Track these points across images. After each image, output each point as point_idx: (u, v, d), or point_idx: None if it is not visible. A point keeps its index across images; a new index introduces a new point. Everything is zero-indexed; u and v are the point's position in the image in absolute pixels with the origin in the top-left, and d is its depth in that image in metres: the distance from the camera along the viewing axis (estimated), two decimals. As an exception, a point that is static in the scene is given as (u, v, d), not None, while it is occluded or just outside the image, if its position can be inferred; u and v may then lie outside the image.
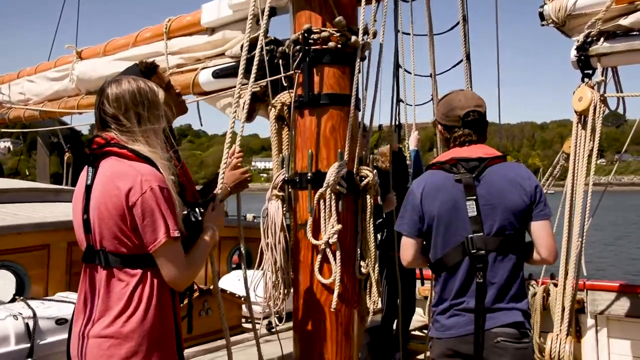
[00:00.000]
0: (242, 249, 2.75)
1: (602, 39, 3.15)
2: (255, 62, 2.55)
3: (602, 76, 3.22)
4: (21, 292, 3.57)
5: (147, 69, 2.40)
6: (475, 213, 2.29)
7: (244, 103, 2.55)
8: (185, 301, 2.51)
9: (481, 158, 2.37)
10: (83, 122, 5.45)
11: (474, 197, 2.30)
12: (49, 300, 3.17)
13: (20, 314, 2.78)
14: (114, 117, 1.91)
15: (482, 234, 2.28)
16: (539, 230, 2.33)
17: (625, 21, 3.04)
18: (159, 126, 1.97)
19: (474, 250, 2.29)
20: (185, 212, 2.18)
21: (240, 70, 2.56)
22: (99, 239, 1.86)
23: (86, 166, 1.97)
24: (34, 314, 2.80)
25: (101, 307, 1.84)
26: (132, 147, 1.88)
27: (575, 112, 3.22)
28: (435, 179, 2.42)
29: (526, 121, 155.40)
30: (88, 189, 1.90)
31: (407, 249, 2.47)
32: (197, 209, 2.19)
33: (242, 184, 2.43)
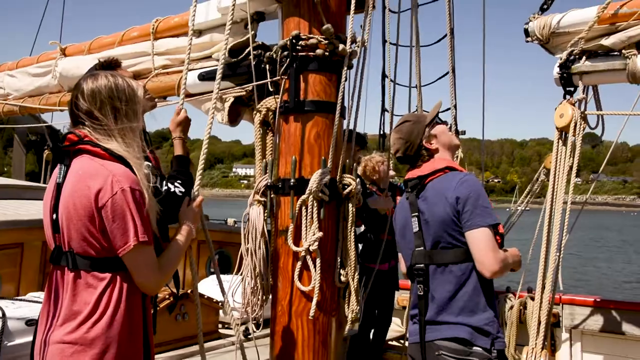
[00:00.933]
0: (213, 253, 2.73)
1: (584, 58, 3.21)
2: (220, 67, 2.53)
3: (583, 94, 3.27)
4: (-9, 291, 3.49)
5: (103, 66, 2.38)
6: (417, 229, 2.42)
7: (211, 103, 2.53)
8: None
9: (420, 176, 2.48)
10: (64, 119, 5.36)
11: (417, 214, 2.44)
12: (20, 300, 3.10)
13: (-11, 313, 2.71)
14: (88, 113, 1.85)
15: (422, 248, 2.40)
16: (468, 241, 2.30)
17: (606, 41, 3.10)
18: (137, 123, 1.92)
19: (414, 264, 2.43)
20: (167, 187, 2.17)
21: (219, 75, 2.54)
22: (67, 240, 1.79)
23: (58, 164, 1.90)
24: (3, 314, 2.74)
25: (66, 311, 1.77)
26: (106, 146, 1.82)
27: (557, 128, 3.27)
28: (401, 200, 2.66)
29: (506, 138, 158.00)
30: (59, 187, 1.84)
31: (400, 261, 2.72)
32: (177, 182, 2.19)
33: (188, 126, 2.50)
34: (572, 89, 3.30)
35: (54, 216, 1.83)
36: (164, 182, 2.20)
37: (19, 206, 4.29)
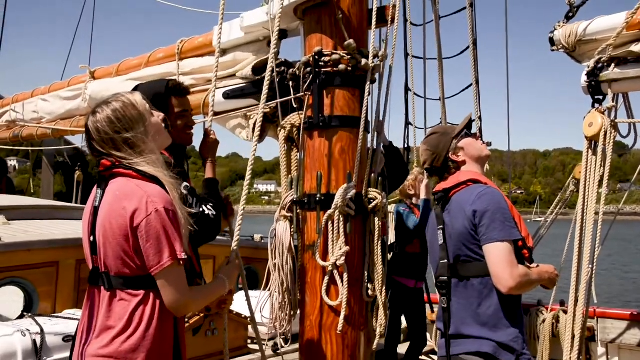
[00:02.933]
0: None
1: (612, 65, 3.15)
2: (266, 83, 2.58)
3: (613, 102, 3.21)
4: (29, 308, 3.58)
5: (173, 88, 2.47)
6: (442, 241, 2.42)
7: (255, 123, 2.58)
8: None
9: (445, 189, 2.49)
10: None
11: (442, 227, 2.44)
12: (57, 317, 3.16)
13: (28, 330, 2.78)
14: (107, 154, 1.89)
15: (446, 260, 2.39)
16: (485, 256, 2.27)
17: (636, 47, 3.05)
18: (150, 140, 1.92)
19: (438, 277, 2.43)
20: (202, 209, 2.23)
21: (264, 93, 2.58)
22: (104, 259, 1.85)
23: (95, 187, 1.96)
24: (42, 331, 2.80)
25: (101, 325, 1.83)
26: (138, 168, 1.87)
27: (586, 137, 3.21)
28: (432, 213, 2.64)
29: (529, 149, 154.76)
30: (95, 210, 1.89)
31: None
32: (209, 205, 2.25)
33: (214, 146, 2.60)
34: (600, 97, 3.24)
35: (92, 238, 1.89)
36: (198, 204, 2.26)
37: (52, 226, 4.40)
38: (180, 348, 1.95)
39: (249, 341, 3.99)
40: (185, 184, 2.20)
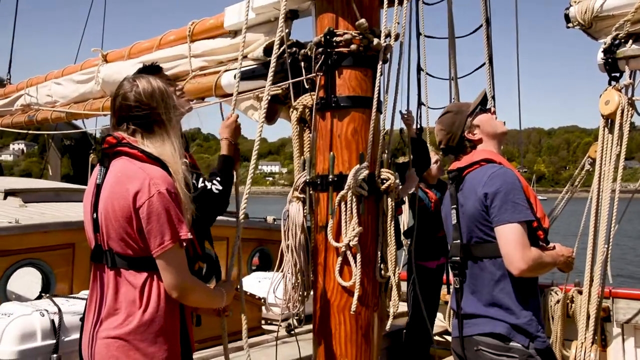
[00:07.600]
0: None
1: (630, 41, 3.08)
2: (272, 64, 2.57)
3: (630, 79, 3.15)
4: (47, 289, 3.65)
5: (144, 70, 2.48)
6: (456, 221, 2.39)
7: (264, 104, 2.58)
8: None
9: (459, 168, 2.45)
10: (101, 124, 5.56)
11: (455, 206, 2.41)
12: (74, 297, 3.22)
13: (47, 310, 2.83)
14: (126, 117, 1.91)
15: (459, 241, 2.37)
16: (497, 237, 2.24)
17: (654, 23, 2.97)
18: (172, 124, 1.95)
19: (451, 257, 2.41)
20: (204, 184, 2.21)
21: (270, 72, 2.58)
22: (106, 239, 1.85)
23: (98, 165, 1.97)
24: (60, 311, 2.85)
25: (109, 308, 1.84)
26: (143, 148, 1.87)
27: (602, 115, 3.16)
28: (447, 192, 2.62)
29: (533, 127, 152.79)
30: (98, 187, 1.90)
31: None
32: (215, 180, 2.24)
33: (237, 130, 2.55)
34: (617, 74, 3.18)
35: (94, 215, 1.89)
36: (200, 179, 2.24)
37: (68, 208, 4.46)
38: (188, 330, 1.97)
39: (262, 322, 4.04)
40: (182, 160, 2.21)
